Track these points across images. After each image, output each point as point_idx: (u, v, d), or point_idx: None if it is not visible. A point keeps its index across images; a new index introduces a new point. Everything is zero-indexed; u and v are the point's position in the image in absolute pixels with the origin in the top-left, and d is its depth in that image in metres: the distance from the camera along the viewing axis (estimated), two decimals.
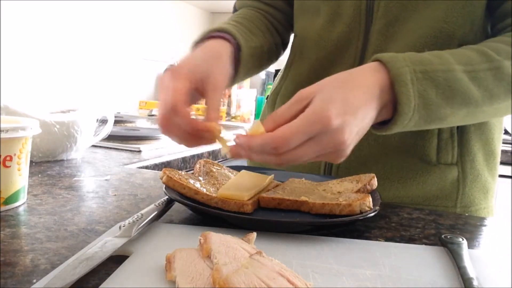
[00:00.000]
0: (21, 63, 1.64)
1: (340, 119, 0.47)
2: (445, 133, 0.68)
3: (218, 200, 0.52)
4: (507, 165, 1.90)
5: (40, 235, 0.46)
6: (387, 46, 0.67)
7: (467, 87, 0.55)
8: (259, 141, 0.47)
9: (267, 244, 0.45)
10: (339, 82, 0.51)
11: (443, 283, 0.39)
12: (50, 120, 0.85)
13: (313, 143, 0.47)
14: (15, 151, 0.55)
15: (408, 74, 0.53)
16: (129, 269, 0.38)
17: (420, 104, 0.53)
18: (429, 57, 0.56)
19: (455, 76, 0.55)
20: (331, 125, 0.46)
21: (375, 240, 0.50)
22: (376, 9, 0.67)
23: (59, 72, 1.81)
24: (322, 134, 0.47)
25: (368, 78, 0.52)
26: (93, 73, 1.99)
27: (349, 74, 0.53)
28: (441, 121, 0.57)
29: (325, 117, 0.46)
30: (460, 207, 0.70)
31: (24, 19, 1.64)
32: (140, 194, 0.65)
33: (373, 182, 0.58)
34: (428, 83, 0.54)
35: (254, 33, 0.73)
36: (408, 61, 0.54)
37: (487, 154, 0.72)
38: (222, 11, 2.85)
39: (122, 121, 1.73)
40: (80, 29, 1.90)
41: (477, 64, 0.56)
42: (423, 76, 0.54)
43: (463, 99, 0.56)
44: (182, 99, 0.53)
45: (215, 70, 0.58)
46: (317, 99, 0.48)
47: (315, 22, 0.74)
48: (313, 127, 0.46)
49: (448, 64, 0.55)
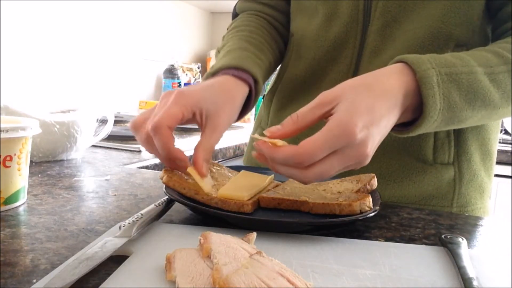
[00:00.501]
0: (21, 63, 1.64)
1: (364, 131, 0.46)
2: (442, 132, 0.68)
3: (218, 200, 0.52)
4: (507, 165, 1.90)
5: (40, 235, 0.46)
6: (384, 46, 0.68)
7: (488, 89, 0.55)
8: (282, 155, 0.46)
9: (267, 244, 0.45)
10: (363, 86, 0.49)
11: (443, 283, 0.39)
12: (50, 120, 0.85)
13: (337, 156, 0.46)
14: (15, 151, 0.55)
15: (434, 76, 0.52)
16: (129, 269, 0.38)
17: (445, 106, 0.53)
18: (451, 59, 0.55)
19: (477, 78, 0.55)
20: (356, 138, 0.45)
21: (375, 240, 0.50)
22: (373, 9, 0.67)
23: (59, 72, 1.81)
24: (346, 147, 0.46)
25: (393, 82, 0.51)
26: (93, 73, 1.99)
27: (374, 77, 0.52)
28: (460, 123, 0.57)
29: (351, 131, 0.45)
30: (456, 207, 0.70)
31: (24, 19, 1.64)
32: (140, 194, 0.65)
33: (373, 182, 0.58)
34: (453, 86, 0.53)
35: (263, 50, 0.72)
36: (434, 63, 0.53)
37: (483, 154, 0.72)
38: (222, 11, 2.85)
39: (122, 121, 1.73)
40: (80, 29, 1.90)
41: (496, 66, 0.56)
42: (448, 78, 0.53)
43: (484, 101, 0.55)
44: (170, 124, 0.52)
45: (222, 111, 0.57)
46: (341, 107, 0.47)
47: (313, 21, 0.74)
48: (338, 141, 0.45)
49: (470, 66, 0.55)
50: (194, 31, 2.76)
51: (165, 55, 2.47)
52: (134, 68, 2.28)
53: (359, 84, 0.50)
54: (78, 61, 1.91)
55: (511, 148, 1.90)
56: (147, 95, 2.40)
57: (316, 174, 0.46)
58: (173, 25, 2.54)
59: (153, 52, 2.40)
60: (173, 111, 0.53)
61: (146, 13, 2.31)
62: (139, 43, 2.28)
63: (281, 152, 0.46)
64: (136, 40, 2.26)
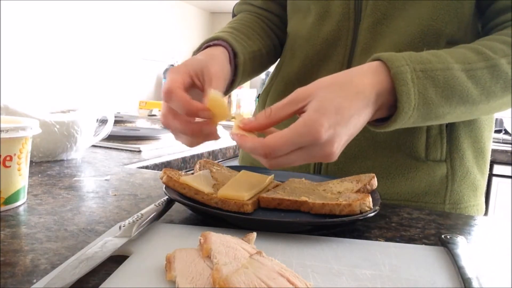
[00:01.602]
0: (21, 63, 1.64)
1: (331, 131, 0.47)
2: (434, 129, 0.68)
3: (218, 200, 0.52)
4: (507, 165, 1.90)
5: (40, 235, 0.46)
6: (375, 43, 0.68)
7: (465, 85, 0.56)
8: (250, 145, 0.48)
9: (267, 244, 0.45)
10: (336, 86, 0.50)
11: (443, 283, 0.39)
12: (50, 120, 0.85)
13: (302, 152, 0.48)
14: (15, 151, 0.55)
15: (408, 73, 0.53)
16: (129, 269, 0.38)
17: (420, 102, 0.54)
18: (428, 56, 0.56)
19: (453, 75, 0.55)
20: (321, 138, 0.46)
21: (375, 240, 0.50)
22: (364, 7, 0.69)
23: (59, 72, 1.81)
24: (311, 146, 0.47)
25: (366, 82, 0.52)
26: (93, 73, 1.99)
27: (348, 76, 0.52)
28: (439, 119, 0.58)
29: (316, 131, 0.46)
30: (449, 204, 0.70)
31: (24, 19, 1.64)
32: (140, 194, 0.65)
33: (373, 182, 0.58)
34: (428, 82, 0.54)
35: (251, 38, 0.75)
36: (408, 60, 0.54)
37: (476, 152, 0.72)
38: (222, 11, 2.85)
39: (122, 121, 1.73)
40: (80, 29, 1.90)
41: (474, 62, 0.57)
42: (423, 74, 0.54)
43: (461, 98, 0.56)
44: (178, 85, 0.54)
45: (211, 63, 0.60)
46: (311, 106, 0.48)
47: (306, 21, 0.75)
48: (303, 139, 0.47)
49: (447, 62, 0.56)
50: (194, 31, 2.76)
51: (165, 55, 2.47)
52: (134, 68, 2.28)
53: (332, 83, 0.51)
54: (78, 61, 1.91)
55: (511, 148, 1.90)
56: (147, 95, 2.41)
57: (279, 164, 0.49)
58: (173, 25, 2.54)
59: (153, 52, 2.40)
60: (173, 76, 0.56)
61: (146, 13, 2.31)
62: (139, 43, 2.28)
63: (248, 142, 0.49)
64: (136, 40, 2.26)
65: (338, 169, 0.72)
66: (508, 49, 0.59)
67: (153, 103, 2.21)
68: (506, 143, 1.94)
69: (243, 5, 0.86)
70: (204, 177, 0.59)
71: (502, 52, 0.58)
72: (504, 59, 0.58)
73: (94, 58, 2.00)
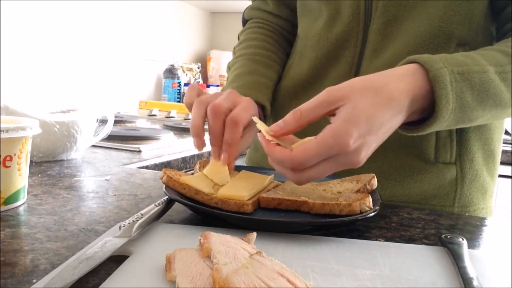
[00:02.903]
0: (21, 63, 1.64)
1: (360, 140, 0.47)
2: (444, 132, 0.68)
3: (218, 200, 0.52)
4: (507, 165, 1.90)
5: (40, 235, 0.46)
6: (385, 45, 0.68)
7: (500, 88, 0.55)
8: (278, 156, 0.48)
9: (267, 244, 0.45)
10: (371, 90, 0.48)
11: (443, 283, 0.39)
12: (50, 120, 0.85)
13: (329, 162, 0.48)
14: (15, 151, 0.55)
15: (447, 75, 0.51)
16: (129, 269, 0.38)
17: (457, 106, 0.52)
18: (463, 58, 0.55)
19: (489, 77, 0.54)
20: (348, 150, 0.46)
21: (375, 240, 0.50)
22: (374, 8, 0.68)
23: (59, 72, 1.81)
24: (338, 155, 0.47)
25: (402, 87, 0.50)
26: (93, 73, 2.00)
27: (384, 80, 0.50)
28: (471, 122, 0.57)
29: (344, 143, 0.45)
30: (458, 207, 0.70)
31: (24, 19, 1.64)
32: (140, 194, 0.65)
33: (373, 182, 0.58)
34: (465, 85, 0.53)
35: (271, 66, 0.78)
36: (446, 63, 0.52)
37: (486, 154, 0.72)
38: (222, 11, 2.85)
39: (122, 121, 1.73)
40: (80, 29, 1.90)
41: (505, 65, 0.56)
42: (460, 77, 0.52)
43: (495, 101, 0.55)
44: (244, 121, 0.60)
45: (243, 100, 0.63)
46: (342, 112, 0.47)
47: (316, 22, 0.75)
48: (331, 151, 0.46)
49: (482, 65, 0.55)
50: (194, 31, 2.76)
51: (165, 55, 2.47)
52: (134, 68, 2.28)
53: (367, 87, 0.49)
54: (78, 61, 1.91)
55: (511, 148, 1.90)
56: (147, 95, 2.41)
57: (307, 178, 0.49)
58: (173, 25, 2.54)
59: (153, 52, 2.40)
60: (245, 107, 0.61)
61: (146, 13, 2.31)
62: (139, 43, 2.28)
63: (277, 153, 0.48)
64: (136, 40, 2.26)
65: (346, 171, 0.71)
66: None
67: (153, 103, 2.21)
68: (506, 143, 1.94)
69: (255, 11, 0.87)
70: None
71: None
72: None
73: (94, 58, 2.00)
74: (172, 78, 2.44)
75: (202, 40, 2.85)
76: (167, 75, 2.45)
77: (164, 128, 1.64)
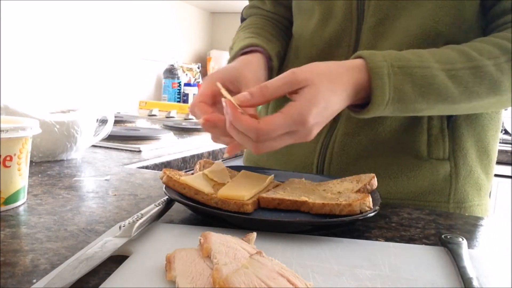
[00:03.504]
0: (21, 63, 1.64)
1: (316, 119, 0.52)
2: (435, 129, 0.69)
3: (218, 200, 0.52)
4: (507, 165, 1.90)
5: (40, 235, 0.46)
6: (377, 43, 0.69)
7: (445, 84, 0.58)
8: (244, 125, 0.51)
9: (267, 244, 0.45)
10: (330, 76, 0.55)
11: (443, 283, 0.39)
12: (50, 120, 0.85)
13: (288, 136, 0.52)
14: (15, 151, 0.55)
15: (385, 68, 0.56)
16: (129, 269, 0.38)
17: (395, 97, 0.57)
18: (408, 55, 0.59)
19: (431, 73, 0.58)
20: (307, 127, 0.52)
21: (375, 240, 0.50)
22: (366, 7, 0.69)
23: (59, 72, 1.81)
24: (296, 131, 0.52)
25: (346, 79, 0.56)
26: (93, 73, 1.99)
27: (337, 69, 0.57)
28: (418, 112, 0.61)
29: (305, 120, 0.51)
30: (453, 203, 0.70)
31: (24, 19, 1.64)
32: (140, 194, 0.65)
33: (373, 182, 0.58)
34: (405, 78, 0.57)
35: (272, 40, 0.78)
36: (387, 57, 0.57)
37: (480, 152, 0.72)
38: (222, 11, 2.85)
39: (122, 121, 1.73)
40: (80, 29, 1.90)
41: (456, 63, 0.59)
42: (400, 71, 0.57)
43: (439, 95, 0.59)
44: (202, 100, 0.60)
45: (245, 70, 0.64)
46: (305, 94, 0.52)
47: (310, 22, 0.76)
48: (294, 126, 0.51)
49: (426, 62, 0.58)
50: (194, 31, 2.76)
51: (165, 55, 2.47)
52: (134, 68, 2.28)
53: (326, 74, 0.55)
54: (78, 61, 1.91)
55: (511, 148, 1.90)
56: (147, 95, 2.41)
57: (267, 148, 0.52)
58: (173, 25, 2.54)
59: (153, 52, 2.40)
60: (202, 90, 0.62)
61: (146, 13, 2.31)
62: (139, 43, 2.28)
63: (243, 122, 0.51)
64: (136, 40, 2.26)
65: (341, 169, 0.72)
66: (497, 51, 0.60)
67: (153, 103, 2.21)
68: (506, 143, 1.94)
69: (253, 9, 0.88)
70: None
71: (489, 54, 0.59)
72: (490, 61, 0.59)
73: (94, 58, 1.99)
74: (172, 78, 2.44)
75: (202, 40, 2.85)
76: (167, 75, 2.45)
77: (164, 128, 1.64)
